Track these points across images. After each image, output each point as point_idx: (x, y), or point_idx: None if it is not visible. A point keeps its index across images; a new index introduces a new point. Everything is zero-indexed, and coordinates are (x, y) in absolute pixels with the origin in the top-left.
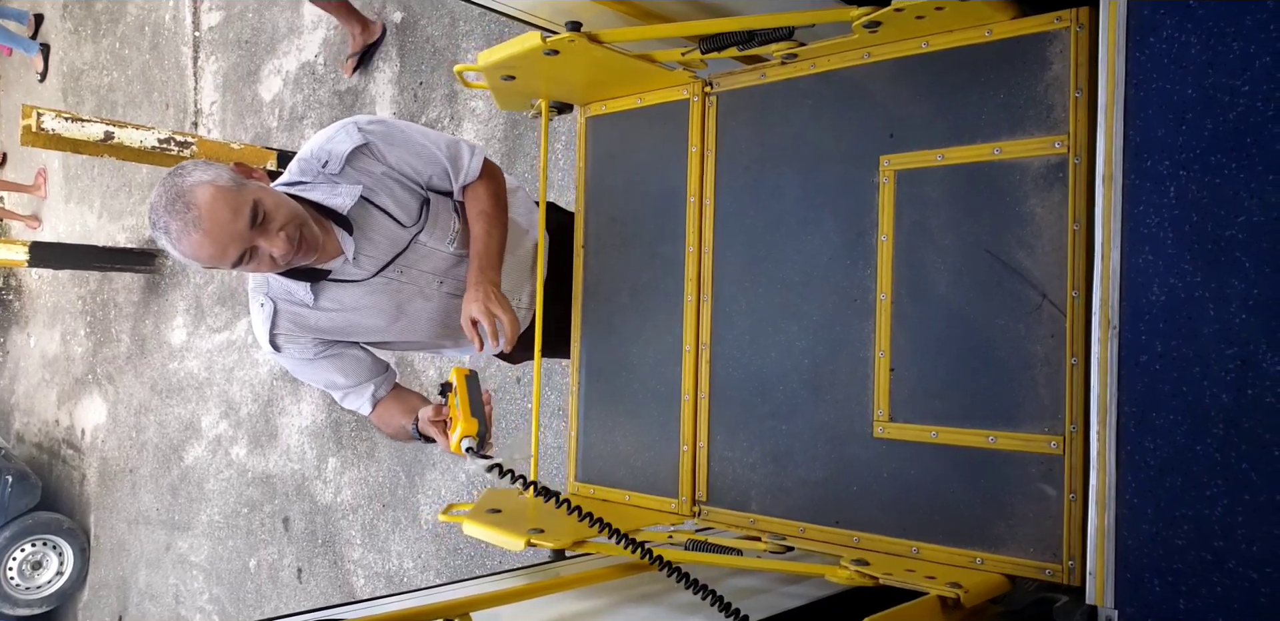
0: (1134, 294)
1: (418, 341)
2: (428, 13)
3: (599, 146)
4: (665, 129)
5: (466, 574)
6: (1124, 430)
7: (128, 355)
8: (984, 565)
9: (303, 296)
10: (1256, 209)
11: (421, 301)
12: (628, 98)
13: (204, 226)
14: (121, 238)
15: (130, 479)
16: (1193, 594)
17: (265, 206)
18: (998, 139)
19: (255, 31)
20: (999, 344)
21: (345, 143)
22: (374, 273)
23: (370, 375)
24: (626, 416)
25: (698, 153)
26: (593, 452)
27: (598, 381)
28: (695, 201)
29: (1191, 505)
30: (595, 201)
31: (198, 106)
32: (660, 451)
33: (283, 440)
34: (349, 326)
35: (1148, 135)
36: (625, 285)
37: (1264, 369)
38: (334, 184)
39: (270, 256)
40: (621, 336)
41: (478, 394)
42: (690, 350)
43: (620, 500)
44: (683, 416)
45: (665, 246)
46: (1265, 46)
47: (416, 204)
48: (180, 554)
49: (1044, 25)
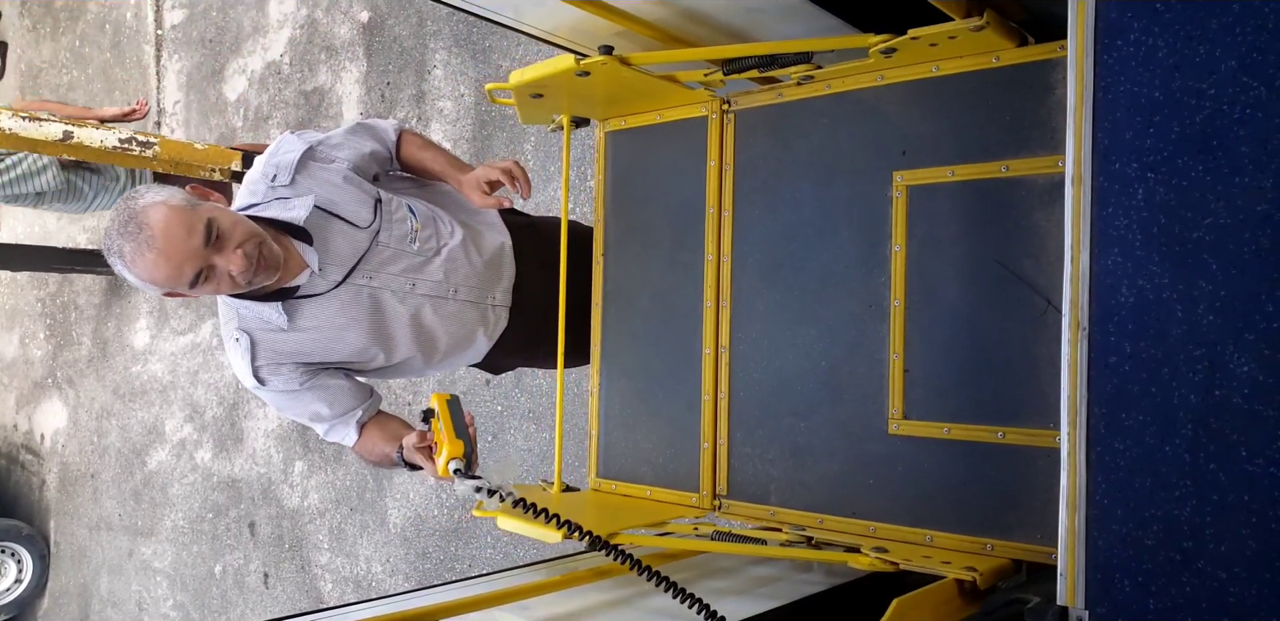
0: (1103, 295)
1: (401, 358)
2: (395, 12)
3: (618, 159)
4: (684, 144)
5: (436, 578)
6: (1094, 431)
7: (89, 358)
8: (994, 551)
9: (276, 319)
10: (1223, 211)
11: (397, 306)
12: (647, 114)
13: (158, 245)
14: (82, 239)
15: (92, 484)
16: (1162, 594)
17: (220, 225)
18: (1005, 157)
19: (219, 30)
20: (1007, 346)
21: (292, 151)
22: (341, 280)
23: (356, 402)
24: (647, 415)
25: (716, 167)
26: (614, 450)
27: (618, 382)
28: (714, 212)
29: (1161, 505)
30: (614, 211)
31: (160, 106)
32: (681, 448)
33: (249, 444)
34: (330, 343)
35: (1116, 137)
36: (645, 291)
37: (1231, 370)
38: (285, 199)
39: (229, 275)
40: (642, 339)
41: (460, 417)
42: (710, 353)
43: (642, 495)
44: (703, 415)
45: (684, 254)
46: (1230, 50)
47: (370, 203)
48: (143, 560)
49: (1048, 53)
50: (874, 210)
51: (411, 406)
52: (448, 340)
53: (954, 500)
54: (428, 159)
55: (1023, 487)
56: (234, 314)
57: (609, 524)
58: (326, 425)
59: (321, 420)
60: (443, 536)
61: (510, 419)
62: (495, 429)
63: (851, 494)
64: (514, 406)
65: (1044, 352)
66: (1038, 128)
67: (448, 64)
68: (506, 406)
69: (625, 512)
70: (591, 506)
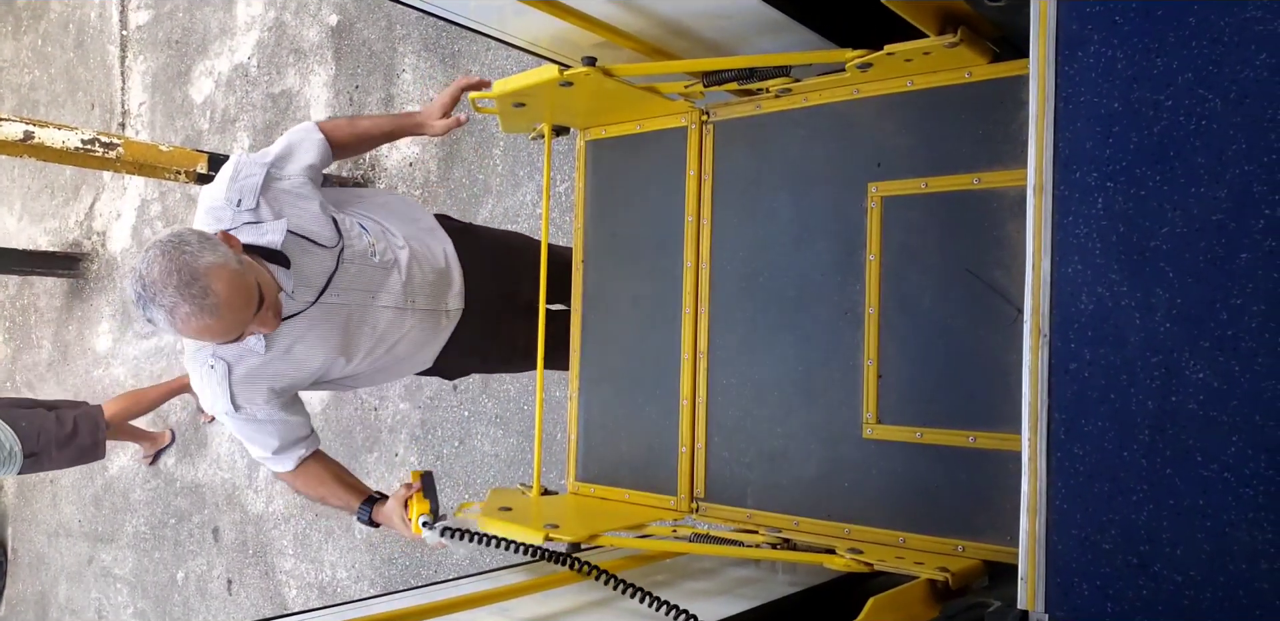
0: (1063, 302)
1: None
2: (364, 16)
3: (599, 168)
4: (664, 153)
5: (402, 584)
6: (1054, 437)
7: (49, 362)
8: (965, 552)
9: (253, 344)
10: (1179, 220)
11: (363, 320)
12: (628, 123)
13: (220, 313)
14: (43, 241)
15: (50, 490)
16: (1120, 597)
17: (265, 288)
18: (977, 170)
19: (186, 31)
20: (978, 353)
21: (254, 175)
22: (313, 301)
23: (304, 434)
24: (626, 419)
25: (695, 176)
26: (592, 454)
27: (597, 386)
28: (693, 220)
29: (1118, 510)
30: (595, 218)
31: (125, 107)
32: (659, 452)
33: (213, 448)
34: (305, 363)
35: (1076, 147)
36: (625, 296)
37: (1187, 376)
38: (256, 223)
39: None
40: (620, 344)
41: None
42: (689, 358)
43: (620, 498)
44: (681, 419)
45: (664, 261)
46: (1187, 62)
47: (330, 221)
48: (104, 566)
49: (1019, 69)
50: (850, 220)
51: (378, 412)
52: (407, 348)
53: (926, 502)
54: (367, 129)
55: (993, 490)
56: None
57: (588, 526)
58: (272, 453)
59: (271, 449)
60: (408, 542)
61: (477, 424)
62: (462, 434)
63: (826, 496)
64: (480, 412)
65: (1014, 359)
66: (1009, 141)
67: (416, 68)
68: (473, 412)
69: (604, 516)
70: (571, 509)
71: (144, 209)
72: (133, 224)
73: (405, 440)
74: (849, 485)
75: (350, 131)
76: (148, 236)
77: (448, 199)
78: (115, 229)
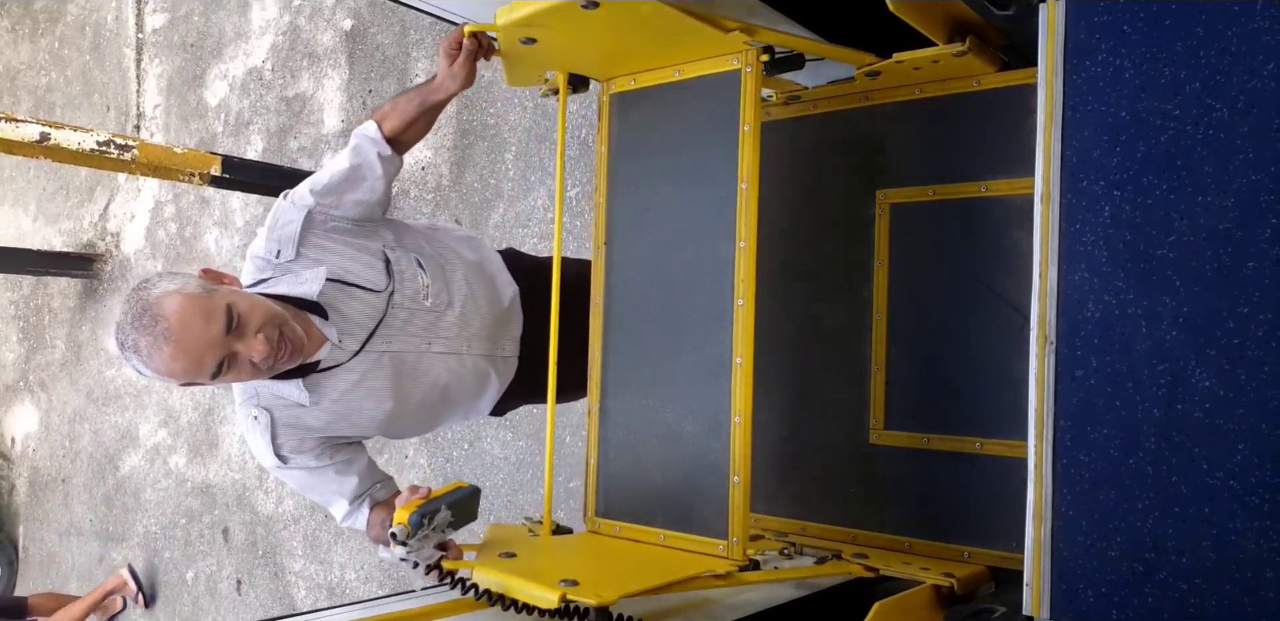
0: (1070, 310)
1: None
2: (378, 20)
3: (626, 127)
4: (711, 105)
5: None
6: (1060, 444)
7: (62, 362)
8: (970, 558)
9: (297, 396)
10: (1186, 229)
11: (415, 368)
12: (663, 69)
13: (175, 337)
14: (58, 242)
15: (63, 489)
16: (1125, 604)
17: (239, 309)
18: (984, 178)
19: (201, 35)
20: (985, 360)
21: (292, 222)
22: (359, 348)
23: (373, 480)
24: (660, 441)
25: (751, 132)
26: (615, 483)
27: (622, 400)
28: (748, 188)
29: (1124, 518)
30: (620, 190)
31: (140, 110)
32: (703, 482)
33: (224, 449)
34: (353, 415)
35: (1084, 156)
36: (657, 288)
37: (1193, 384)
38: (294, 272)
39: (250, 362)
40: (652, 348)
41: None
42: (743, 363)
43: (652, 540)
44: (733, 441)
45: (712, 241)
46: (1195, 72)
47: (380, 264)
48: (114, 566)
49: (1026, 78)
50: (857, 227)
51: None
52: (463, 396)
53: (933, 508)
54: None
55: (999, 497)
56: (251, 391)
57: (617, 582)
58: (348, 505)
59: (343, 498)
60: None
61: (486, 427)
62: (471, 437)
63: (833, 501)
64: None
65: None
66: (1016, 150)
67: (430, 73)
68: None
69: (635, 565)
70: (591, 556)
71: (158, 210)
72: (146, 225)
73: (415, 442)
74: (856, 490)
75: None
76: (161, 238)
77: (459, 203)
78: (129, 230)
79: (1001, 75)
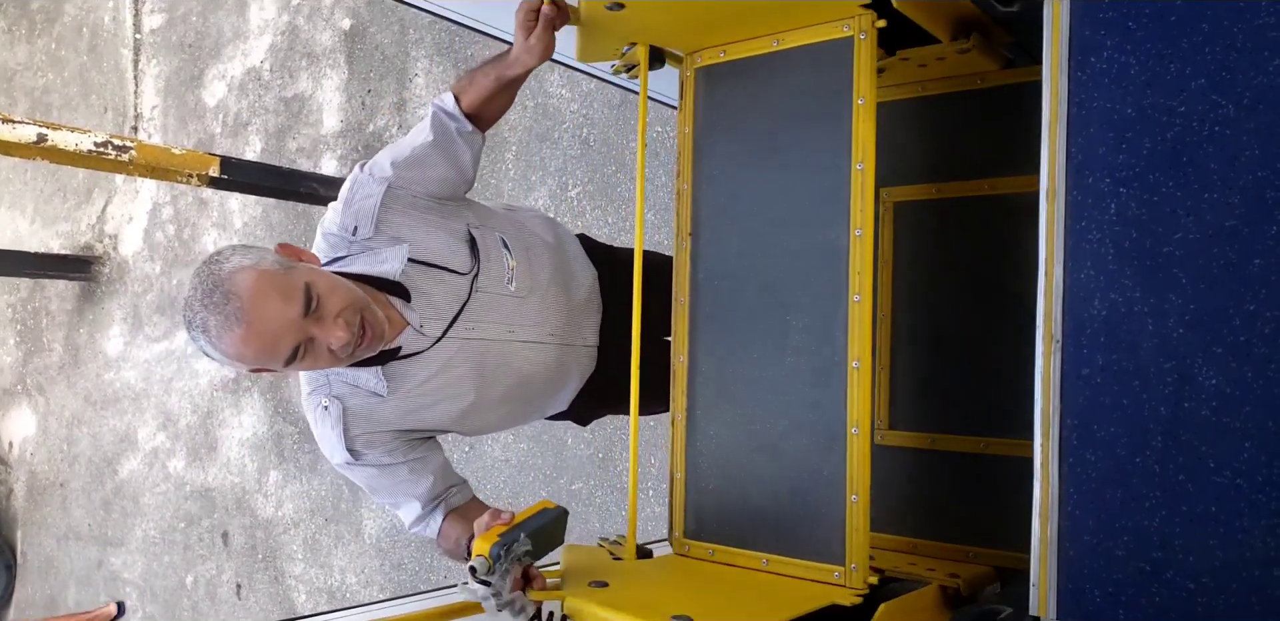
0: (1076, 308)
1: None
2: (377, 20)
3: (714, 105)
4: (816, 77)
5: (410, 589)
6: (1066, 443)
7: (60, 365)
8: (976, 558)
9: (374, 385)
10: (1192, 226)
11: (498, 356)
12: (759, 39)
13: (248, 318)
14: (55, 244)
15: (61, 493)
16: (1132, 604)
17: (318, 289)
18: (989, 176)
19: (199, 35)
20: (989, 358)
21: (371, 196)
22: (441, 335)
23: (449, 482)
24: (760, 455)
25: (867, 106)
26: (707, 501)
27: (713, 409)
28: (864, 169)
29: (1131, 517)
30: (707, 175)
31: (138, 111)
32: (815, 502)
33: (222, 452)
34: (433, 405)
35: (1089, 153)
36: (752, 284)
37: (1200, 383)
38: (373, 250)
39: (329, 349)
40: (749, 351)
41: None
42: (860, 367)
43: (753, 565)
44: (849, 455)
45: (819, 230)
46: (1200, 68)
47: (465, 245)
48: (113, 570)
49: (1031, 75)
50: None
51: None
52: (543, 389)
53: (937, 508)
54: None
55: (1004, 496)
56: (322, 379)
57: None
58: (420, 509)
59: (416, 500)
60: (418, 547)
61: None
62: (472, 439)
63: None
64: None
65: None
66: (1021, 147)
67: (429, 72)
68: None
69: (742, 594)
70: (688, 582)
71: (156, 212)
72: (145, 227)
73: None
74: None
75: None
76: (159, 240)
77: None
78: (127, 232)
79: (1006, 72)
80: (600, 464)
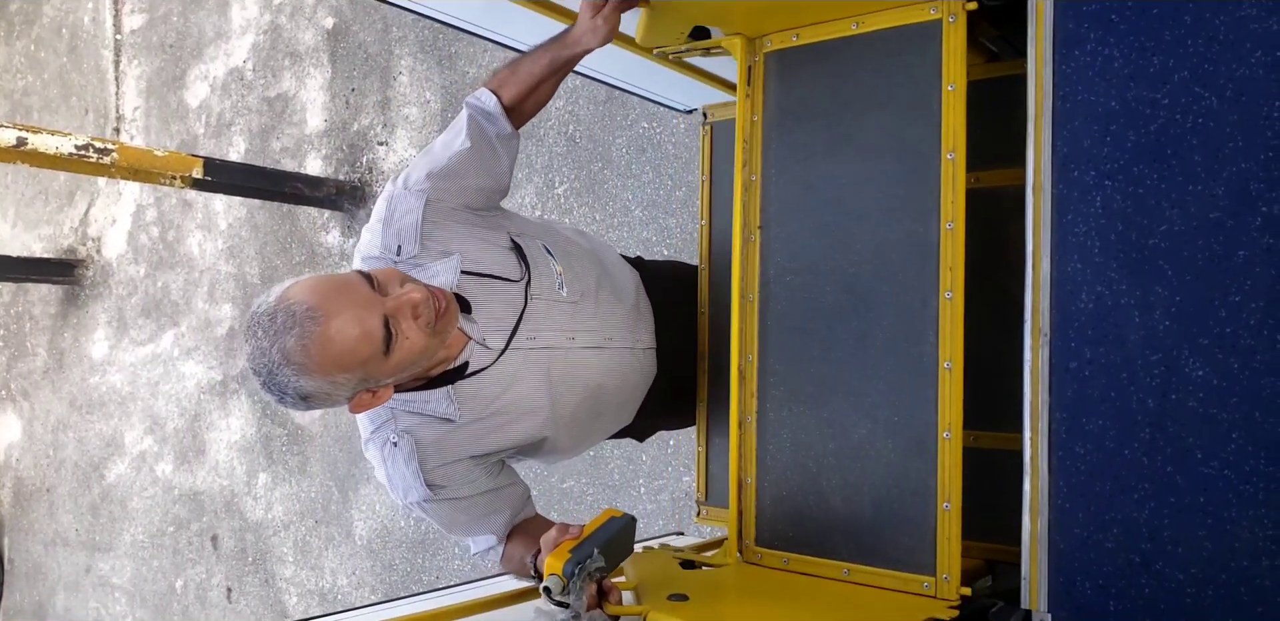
0: (1063, 301)
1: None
2: (360, 19)
3: (786, 91)
4: (900, 62)
5: (403, 590)
6: (1055, 436)
7: (44, 369)
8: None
9: (444, 409)
10: (1177, 218)
11: (564, 365)
12: (837, 22)
13: (323, 311)
14: (37, 248)
15: (47, 498)
16: (1122, 595)
17: (374, 273)
18: (975, 169)
19: (180, 35)
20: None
21: (412, 210)
22: (505, 346)
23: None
24: (840, 460)
25: (957, 92)
26: (781, 508)
27: (787, 412)
28: (955, 158)
29: (1120, 509)
30: (778, 166)
31: (119, 112)
32: (902, 509)
33: (211, 456)
34: (507, 424)
35: (1075, 146)
36: (830, 280)
37: (1186, 374)
38: (421, 266)
39: (413, 316)
40: (827, 351)
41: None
42: (953, 368)
43: (833, 574)
44: (941, 461)
45: (905, 223)
46: (1183, 61)
47: (512, 253)
48: (101, 576)
49: (1015, 68)
50: None
51: None
52: (613, 398)
53: None
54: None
55: (995, 489)
56: (386, 414)
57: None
58: (495, 542)
59: (494, 534)
60: (409, 548)
61: None
62: None
63: None
64: None
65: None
66: (1006, 140)
67: (413, 70)
68: None
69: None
70: (771, 594)
71: (139, 214)
72: (128, 229)
73: None
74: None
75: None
76: (143, 242)
77: None
78: (110, 235)
79: (991, 66)
80: (591, 461)
